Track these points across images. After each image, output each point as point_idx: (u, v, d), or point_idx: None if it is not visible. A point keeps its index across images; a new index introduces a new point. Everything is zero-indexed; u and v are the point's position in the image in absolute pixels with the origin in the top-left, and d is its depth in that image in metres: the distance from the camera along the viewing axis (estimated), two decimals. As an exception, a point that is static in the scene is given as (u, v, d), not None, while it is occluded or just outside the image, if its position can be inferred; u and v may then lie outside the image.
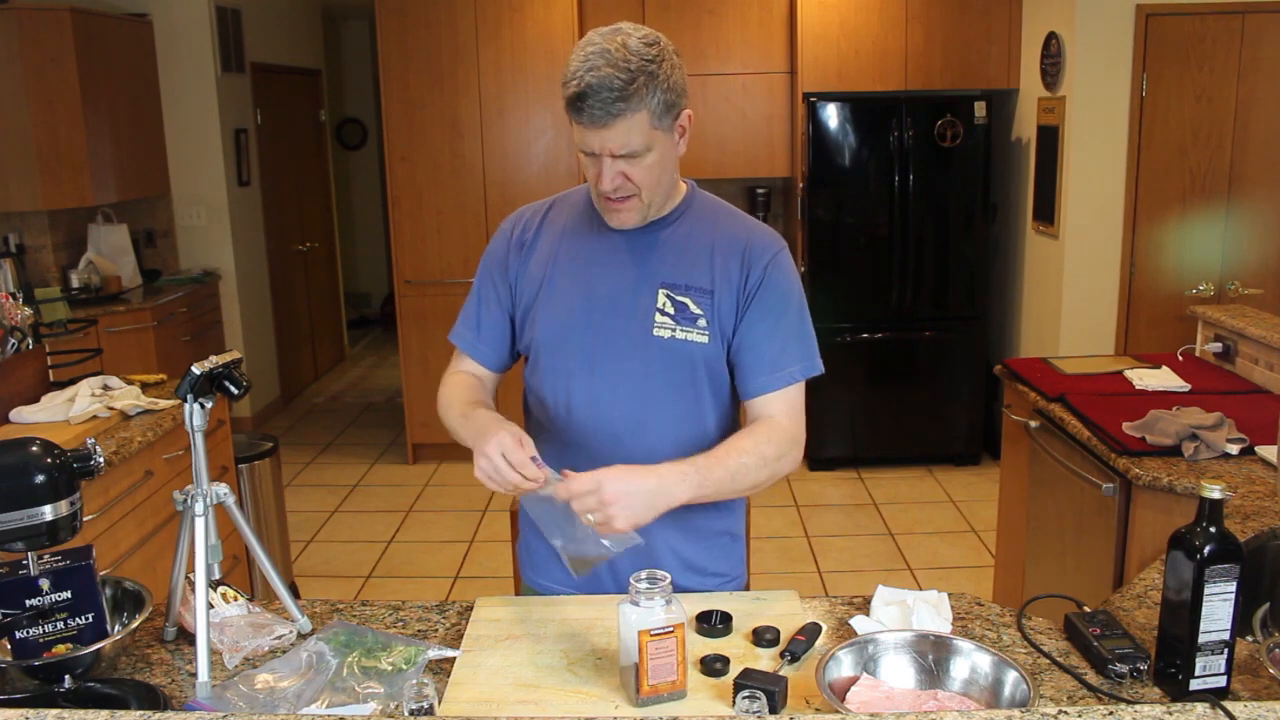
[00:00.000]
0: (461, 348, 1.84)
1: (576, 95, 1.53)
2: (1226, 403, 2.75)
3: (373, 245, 9.31)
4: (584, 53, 1.54)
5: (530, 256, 1.77)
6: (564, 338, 1.71)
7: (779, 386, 1.69)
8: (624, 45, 1.53)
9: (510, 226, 1.82)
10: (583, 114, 1.54)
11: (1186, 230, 4.70)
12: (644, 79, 1.53)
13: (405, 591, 4.18)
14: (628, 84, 1.52)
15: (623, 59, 1.52)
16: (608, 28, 1.58)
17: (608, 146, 1.57)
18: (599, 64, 1.52)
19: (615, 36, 1.55)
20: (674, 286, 1.68)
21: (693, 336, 1.67)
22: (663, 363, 1.68)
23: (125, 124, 5.35)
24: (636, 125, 1.55)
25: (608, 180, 1.60)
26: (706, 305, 1.68)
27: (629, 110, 1.53)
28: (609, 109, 1.52)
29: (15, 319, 2.97)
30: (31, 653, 1.43)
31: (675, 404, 1.70)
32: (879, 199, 5.19)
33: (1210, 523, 1.37)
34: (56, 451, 1.44)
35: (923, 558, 4.39)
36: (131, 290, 5.41)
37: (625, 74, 1.52)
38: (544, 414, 1.77)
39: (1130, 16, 4.56)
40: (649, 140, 1.58)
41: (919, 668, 1.42)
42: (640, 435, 1.69)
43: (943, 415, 5.37)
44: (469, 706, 1.42)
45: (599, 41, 1.55)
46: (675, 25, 5.46)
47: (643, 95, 1.53)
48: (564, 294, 1.72)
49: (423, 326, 5.56)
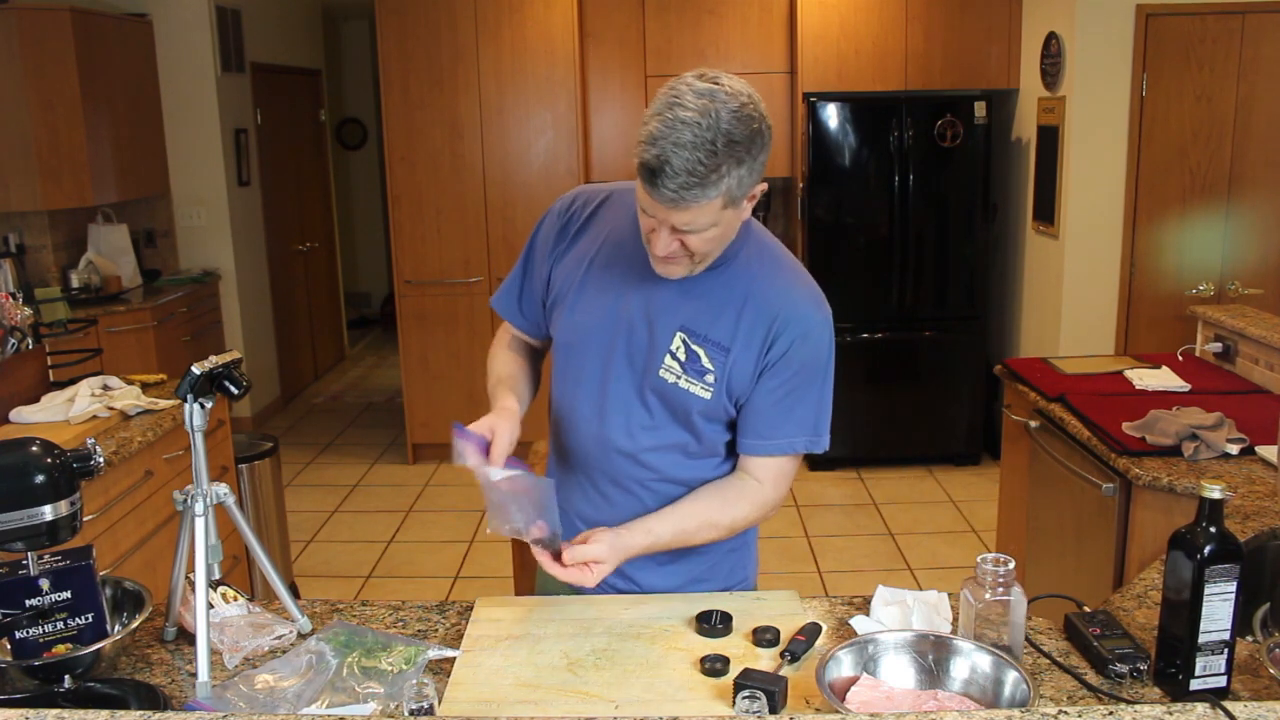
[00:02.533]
0: (504, 316, 1.84)
1: (652, 167, 1.39)
2: (1226, 403, 2.75)
3: (373, 245, 9.31)
4: (671, 115, 1.38)
5: (571, 248, 1.71)
6: (581, 347, 1.68)
7: (772, 453, 1.66)
8: (716, 118, 1.37)
9: (561, 209, 1.75)
10: (655, 188, 1.40)
11: (1186, 230, 4.70)
12: (729, 165, 1.39)
13: (405, 591, 4.18)
14: (710, 171, 1.37)
15: (710, 139, 1.36)
16: (703, 83, 1.40)
17: (671, 220, 1.45)
18: (686, 139, 1.36)
19: (710, 102, 1.38)
20: (693, 334, 1.60)
21: (695, 390, 1.61)
22: (661, 400, 1.64)
23: (125, 124, 5.35)
24: (708, 209, 1.43)
25: (662, 246, 1.49)
26: (720, 362, 1.60)
27: (704, 197, 1.40)
28: (682, 194, 1.39)
29: (15, 319, 2.97)
30: (31, 653, 1.43)
31: (672, 434, 1.67)
32: (879, 199, 5.19)
33: (1210, 523, 1.37)
34: (56, 451, 1.44)
35: (923, 558, 4.39)
36: (131, 290, 5.41)
37: (710, 158, 1.37)
38: (553, 411, 1.78)
39: (1130, 16, 4.56)
40: (717, 219, 1.46)
41: (919, 668, 1.42)
42: (634, 456, 1.68)
43: (943, 415, 5.37)
44: (469, 706, 1.41)
45: (691, 105, 1.37)
46: (675, 25, 5.46)
47: (722, 182, 1.40)
48: (592, 303, 1.67)
49: (423, 326, 5.56)
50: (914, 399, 5.34)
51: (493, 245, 5.49)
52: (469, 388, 5.56)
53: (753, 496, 1.67)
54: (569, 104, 5.35)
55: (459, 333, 5.55)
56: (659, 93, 1.43)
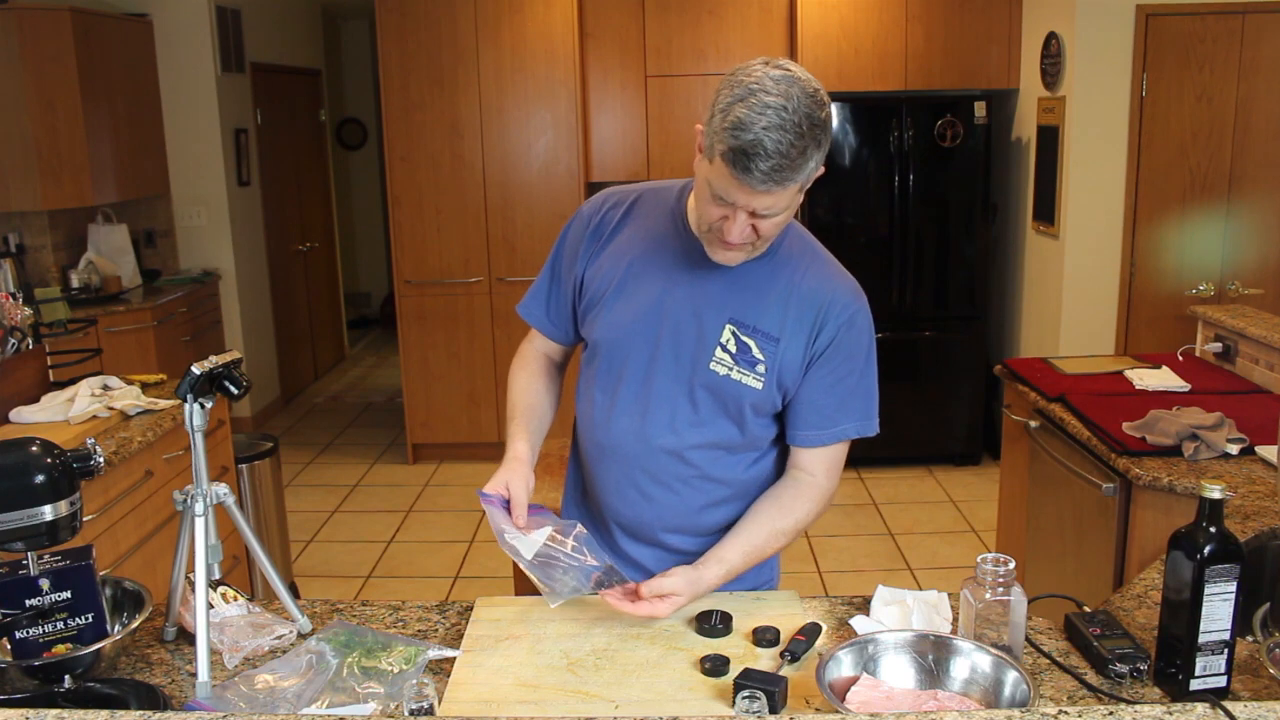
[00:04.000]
0: (531, 323, 1.84)
1: (745, 151, 1.40)
2: (1226, 403, 2.75)
3: (373, 245, 9.31)
4: (756, 100, 1.40)
5: (606, 248, 1.71)
6: (625, 344, 1.68)
7: (826, 443, 1.68)
8: (797, 101, 1.40)
9: (591, 213, 1.75)
10: (748, 173, 1.41)
11: (1186, 230, 4.70)
12: (812, 148, 1.43)
13: (405, 591, 4.18)
14: (799, 153, 1.41)
15: (796, 121, 1.40)
16: (776, 70, 1.44)
17: (753, 205, 1.47)
18: (775, 122, 1.39)
19: (789, 88, 1.41)
20: (742, 325, 1.62)
21: (747, 380, 1.62)
22: (711, 393, 1.65)
23: (125, 124, 5.35)
24: (790, 191, 1.46)
25: (737, 233, 1.50)
26: (770, 352, 1.62)
27: (792, 179, 1.44)
28: (775, 176, 1.42)
29: (15, 319, 2.97)
30: (31, 653, 1.43)
31: (718, 429, 1.68)
32: (879, 199, 5.19)
33: (1210, 523, 1.37)
34: (56, 451, 1.44)
35: (923, 558, 4.39)
36: (131, 290, 5.40)
37: (800, 139, 1.40)
38: (590, 410, 1.76)
39: (1130, 16, 4.56)
40: (791, 202, 1.49)
41: (919, 668, 1.42)
42: (678, 453, 1.68)
43: (943, 415, 5.37)
44: (469, 706, 1.41)
45: (774, 91, 1.41)
46: (675, 25, 5.46)
47: (808, 164, 1.44)
48: (633, 300, 1.67)
49: (423, 326, 5.56)
50: (914, 399, 5.35)
51: (493, 245, 5.49)
52: (469, 388, 5.56)
53: (810, 493, 1.69)
54: (569, 104, 5.35)
55: (459, 333, 5.55)
56: (726, 82, 1.47)
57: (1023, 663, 1.42)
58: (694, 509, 1.72)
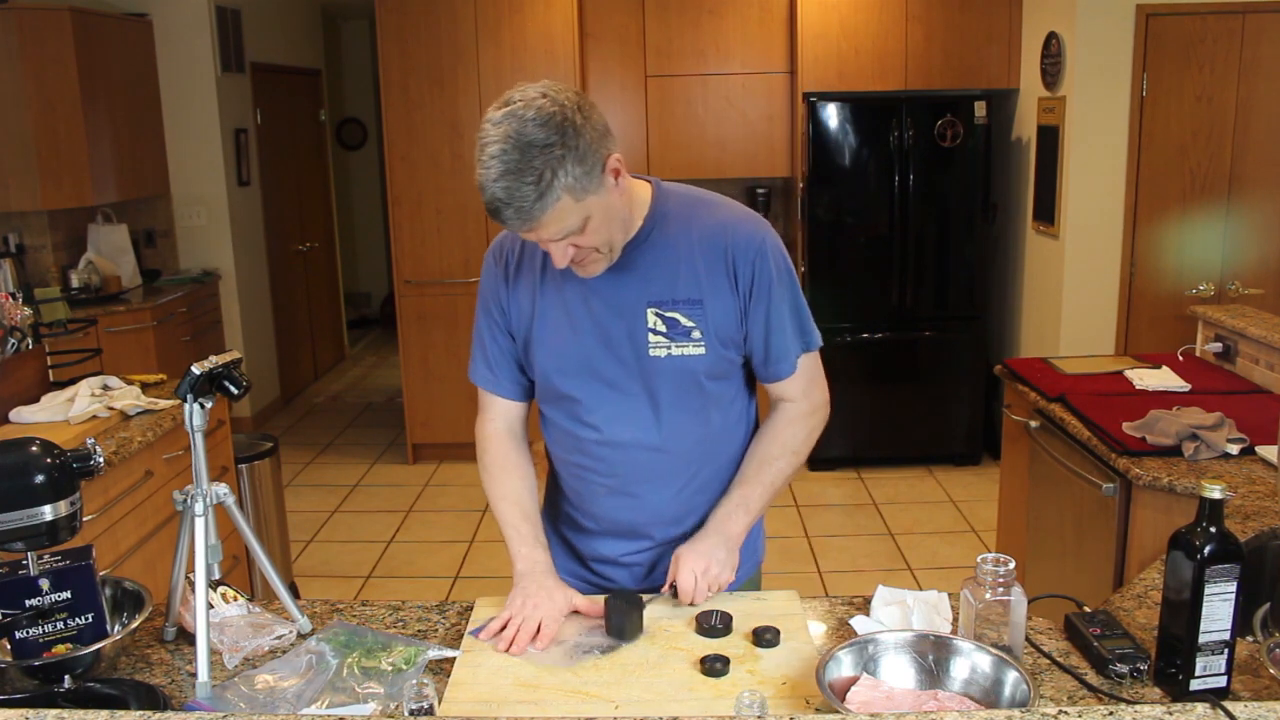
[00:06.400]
0: (484, 387, 1.81)
1: (491, 208, 1.45)
2: (1226, 403, 2.75)
3: (373, 245, 9.31)
4: (484, 154, 1.43)
5: (517, 287, 1.72)
6: (563, 370, 1.69)
7: (788, 373, 1.71)
8: (520, 136, 1.41)
9: (493, 258, 1.76)
10: (507, 222, 1.46)
11: (1186, 230, 4.70)
12: (550, 171, 1.41)
13: (405, 591, 4.18)
14: (536, 184, 1.41)
15: (518, 158, 1.40)
16: (501, 110, 1.44)
17: (543, 238, 1.50)
18: (500, 170, 1.41)
19: (508, 126, 1.42)
20: (661, 304, 1.64)
21: (689, 350, 1.64)
22: (664, 380, 1.66)
23: (125, 124, 5.35)
24: (561, 212, 1.45)
25: (560, 259, 1.53)
26: (698, 315, 1.64)
27: (548, 206, 1.43)
28: (525, 216, 1.44)
29: (15, 319, 2.97)
30: (31, 653, 1.43)
31: (688, 414, 1.69)
32: (879, 199, 5.19)
33: (1210, 523, 1.37)
34: (56, 451, 1.44)
35: (923, 558, 4.39)
36: (131, 290, 5.40)
37: (532, 174, 1.40)
38: (560, 437, 1.77)
39: (1130, 16, 4.56)
40: (583, 212, 1.48)
41: (919, 668, 1.42)
42: (662, 450, 1.69)
43: (943, 415, 5.37)
44: (469, 706, 1.41)
45: (494, 137, 1.42)
46: (675, 25, 5.46)
47: (557, 185, 1.42)
48: (555, 326, 1.68)
49: (423, 326, 5.56)
50: (914, 399, 5.34)
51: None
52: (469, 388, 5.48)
53: (797, 414, 1.75)
54: (569, 104, 5.34)
55: (459, 333, 5.55)
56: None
57: (1023, 663, 1.42)
58: (683, 496, 1.73)
